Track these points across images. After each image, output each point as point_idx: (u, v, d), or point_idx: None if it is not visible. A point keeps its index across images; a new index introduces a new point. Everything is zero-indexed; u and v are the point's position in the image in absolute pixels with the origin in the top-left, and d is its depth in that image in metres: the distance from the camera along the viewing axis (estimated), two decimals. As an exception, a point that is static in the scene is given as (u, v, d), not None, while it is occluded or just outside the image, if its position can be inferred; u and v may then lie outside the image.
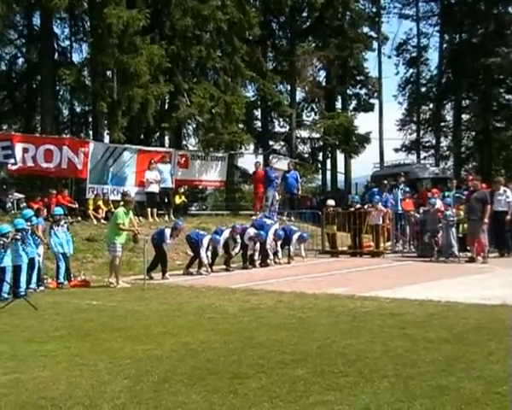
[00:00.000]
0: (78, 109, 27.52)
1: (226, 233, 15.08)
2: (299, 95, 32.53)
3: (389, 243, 17.72)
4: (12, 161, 17.86)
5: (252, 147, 28.13)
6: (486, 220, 14.86)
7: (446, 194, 18.09)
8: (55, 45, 23.86)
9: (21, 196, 17.82)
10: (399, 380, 5.31)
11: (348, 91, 33.84)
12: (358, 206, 18.14)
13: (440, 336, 6.99)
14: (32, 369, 6.12)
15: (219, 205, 20.88)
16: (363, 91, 34.13)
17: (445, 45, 36.27)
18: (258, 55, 24.15)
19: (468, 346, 6.49)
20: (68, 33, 26.02)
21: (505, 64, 31.26)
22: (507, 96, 34.40)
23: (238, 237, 15.15)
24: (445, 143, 36.76)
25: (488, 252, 15.06)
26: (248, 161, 28.00)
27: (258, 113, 30.64)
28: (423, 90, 37.24)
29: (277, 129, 32.41)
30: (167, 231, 14.33)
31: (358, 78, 33.37)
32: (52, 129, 20.92)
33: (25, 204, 16.96)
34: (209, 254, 14.72)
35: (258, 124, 31.39)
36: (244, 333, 7.50)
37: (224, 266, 15.16)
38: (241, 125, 23.16)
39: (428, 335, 7.06)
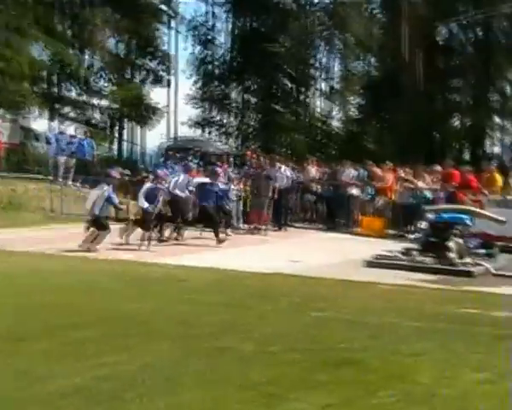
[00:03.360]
0: None
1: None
2: (97, 64, 32.04)
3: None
4: None
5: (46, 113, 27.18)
6: (270, 195, 16.16)
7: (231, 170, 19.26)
8: None
9: None
10: (181, 341, 5.59)
11: (142, 63, 34.05)
12: (145, 174, 18.69)
13: (221, 301, 7.44)
14: None
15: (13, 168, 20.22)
16: (157, 66, 34.63)
17: (237, 31, 38.14)
18: (52, 19, 23.23)
19: (245, 310, 6.98)
20: None
21: (284, 52, 33.90)
22: (285, 82, 37.38)
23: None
24: (235, 122, 38.61)
25: (269, 226, 16.40)
26: (40, 124, 27.06)
27: (54, 78, 29.59)
28: (215, 71, 38.67)
29: (73, 96, 31.51)
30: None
31: (151, 50, 33.76)
32: None
33: None
34: None
35: (55, 90, 30.34)
36: (33, 296, 7.34)
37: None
38: (27, 86, 22.29)
39: (210, 299, 7.50)
